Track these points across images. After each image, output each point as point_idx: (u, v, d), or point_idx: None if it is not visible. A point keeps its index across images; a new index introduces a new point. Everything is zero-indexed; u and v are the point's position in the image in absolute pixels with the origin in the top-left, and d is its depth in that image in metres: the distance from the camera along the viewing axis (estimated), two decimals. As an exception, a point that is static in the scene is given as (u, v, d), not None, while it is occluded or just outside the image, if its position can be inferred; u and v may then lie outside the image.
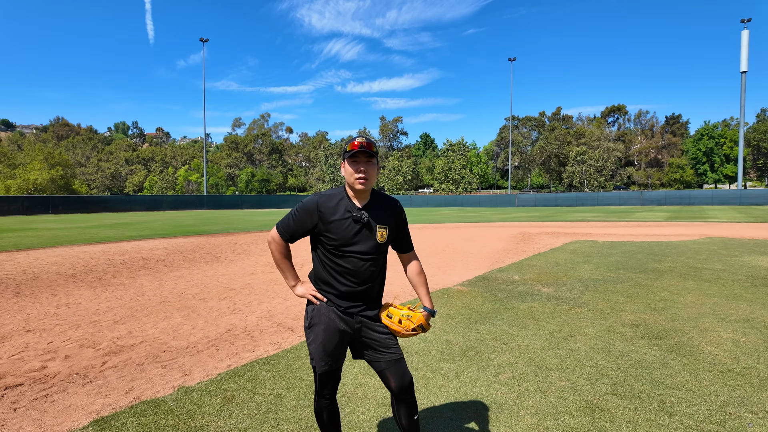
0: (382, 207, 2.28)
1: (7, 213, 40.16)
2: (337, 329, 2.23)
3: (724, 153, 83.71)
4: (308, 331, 2.28)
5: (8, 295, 6.99)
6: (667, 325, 5.02)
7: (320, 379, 2.29)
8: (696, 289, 6.85)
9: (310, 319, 2.28)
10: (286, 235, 2.26)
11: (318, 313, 2.25)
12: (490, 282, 7.59)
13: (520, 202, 57.52)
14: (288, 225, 2.25)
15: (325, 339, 2.23)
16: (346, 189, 2.26)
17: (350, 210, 2.19)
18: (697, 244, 12.46)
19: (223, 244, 14.14)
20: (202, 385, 3.55)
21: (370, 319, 2.29)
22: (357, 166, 2.15)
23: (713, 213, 31.16)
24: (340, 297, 2.24)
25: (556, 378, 3.63)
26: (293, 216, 2.23)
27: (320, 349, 2.23)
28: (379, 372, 2.29)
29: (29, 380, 3.73)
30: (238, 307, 6.18)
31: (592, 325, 5.04)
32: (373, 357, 2.29)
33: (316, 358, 2.25)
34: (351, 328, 2.26)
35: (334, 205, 2.19)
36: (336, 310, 2.24)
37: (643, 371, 3.74)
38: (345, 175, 2.20)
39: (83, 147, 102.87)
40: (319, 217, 2.18)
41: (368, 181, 2.16)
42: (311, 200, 2.21)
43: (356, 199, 2.22)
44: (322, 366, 2.24)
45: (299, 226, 2.23)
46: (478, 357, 4.11)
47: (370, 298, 2.30)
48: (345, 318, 2.24)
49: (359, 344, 2.31)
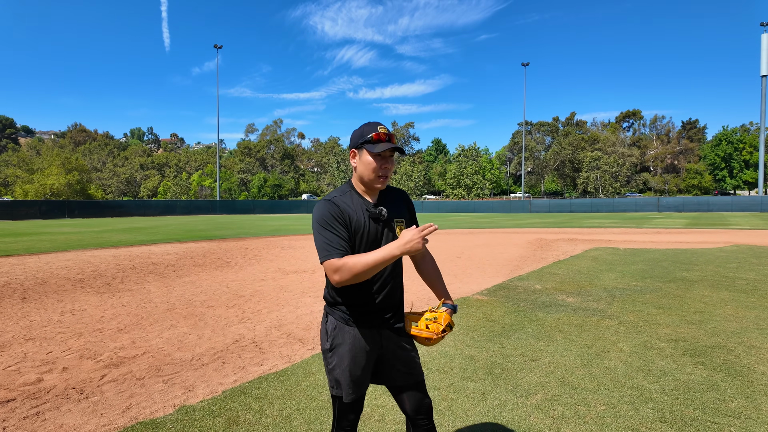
0: (393, 199, 2.00)
1: (24, 217, 40.65)
2: (365, 349, 1.90)
3: (743, 158, 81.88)
4: (329, 354, 1.92)
5: (14, 301, 6.81)
6: (708, 340, 4.61)
7: (343, 408, 1.94)
8: (733, 300, 6.40)
9: (332, 340, 1.91)
10: (341, 249, 1.77)
11: (341, 331, 1.91)
12: (510, 291, 7.22)
13: (533, 207, 56.73)
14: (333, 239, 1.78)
15: (351, 362, 1.89)
16: (353, 185, 1.94)
17: (367, 208, 1.88)
18: (724, 252, 11.92)
19: (234, 249, 13.94)
20: (205, 404, 3.26)
21: (396, 333, 1.98)
22: (382, 162, 1.84)
23: (734, 220, 30.26)
24: (363, 309, 1.91)
25: (594, 401, 3.27)
26: (328, 230, 1.79)
27: (347, 375, 1.89)
28: (396, 393, 2.00)
29: (22, 395, 3.48)
30: (246, 316, 5.91)
31: (626, 340, 4.65)
32: (392, 376, 1.98)
33: (343, 385, 1.89)
34: (378, 347, 1.94)
35: (351, 204, 1.87)
36: (361, 327, 1.91)
37: (692, 394, 3.36)
38: (360, 168, 1.87)
39: (99, 152, 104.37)
40: (347, 217, 1.83)
41: (388, 179, 1.89)
42: (327, 204, 1.83)
43: (367, 195, 1.92)
44: (350, 395, 1.89)
45: (342, 233, 1.81)
46: (505, 375, 3.76)
47: (394, 306, 1.98)
48: (371, 334, 1.92)
49: (382, 364, 1.98)
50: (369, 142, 1.83)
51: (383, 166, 1.84)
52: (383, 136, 1.83)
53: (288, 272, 9.49)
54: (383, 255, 1.72)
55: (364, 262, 1.71)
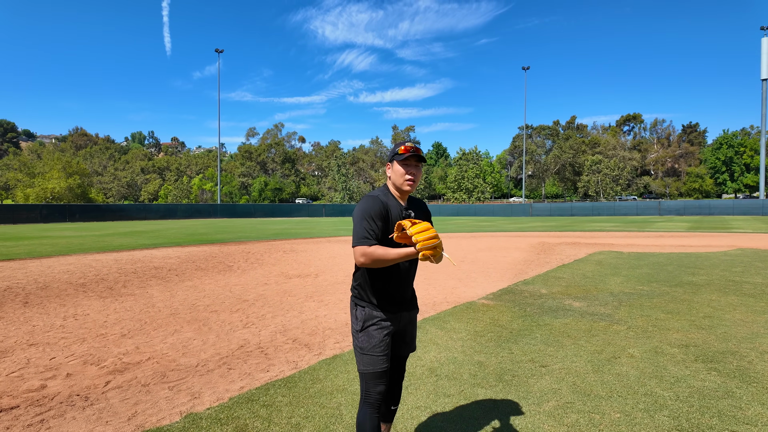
0: (417, 207, 2.41)
1: (26, 221, 40.63)
2: (389, 327, 2.29)
3: (744, 162, 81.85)
4: (360, 334, 2.27)
5: (16, 305, 6.76)
6: (720, 346, 4.55)
7: (372, 380, 2.23)
8: (741, 304, 6.35)
9: (362, 323, 2.27)
10: (371, 239, 2.13)
11: (369, 316, 2.27)
12: (516, 295, 7.16)
13: (534, 211, 56.65)
14: (369, 229, 2.14)
15: (380, 338, 2.25)
16: (390, 190, 2.31)
17: (400, 208, 2.27)
18: (729, 256, 11.85)
19: (236, 253, 13.89)
20: (212, 412, 3.21)
21: (408, 312, 2.41)
22: (408, 168, 2.24)
23: (737, 223, 30.19)
24: (389, 301, 2.29)
25: (608, 408, 3.21)
26: (368, 221, 2.14)
27: (381, 347, 2.23)
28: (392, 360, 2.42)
29: (26, 402, 3.43)
30: (251, 321, 5.85)
31: (636, 346, 4.59)
32: (399, 347, 2.41)
33: (376, 355, 2.22)
34: (397, 324, 2.34)
35: (390, 203, 2.24)
36: (385, 312, 2.28)
37: (707, 401, 3.30)
38: (393, 176, 2.28)
39: (100, 156, 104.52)
40: (387, 214, 2.19)
41: (415, 183, 2.25)
42: (374, 200, 2.19)
43: (400, 199, 2.31)
44: (380, 364, 2.22)
45: (378, 225, 2.16)
46: (516, 382, 3.70)
47: (409, 296, 2.40)
48: (393, 317, 2.31)
49: (395, 337, 2.38)
50: (397, 155, 2.24)
51: (409, 172, 2.24)
52: (409, 148, 2.24)
53: (291, 276, 9.44)
54: (402, 254, 2.07)
55: (386, 255, 2.08)
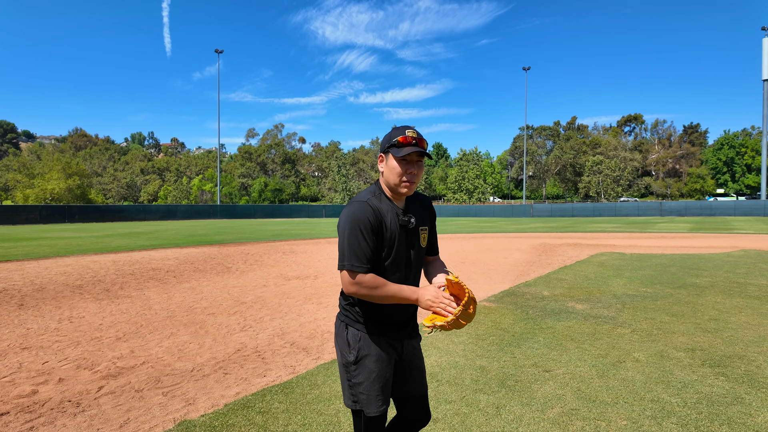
0: (418, 206, 1.94)
1: (25, 222, 40.55)
2: (389, 359, 1.85)
3: (745, 163, 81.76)
4: (354, 368, 1.82)
5: (11, 308, 6.67)
6: (727, 350, 4.46)
7: (370, 423, 1.82)
8: (747, 307, 6.25)
9: (357, 351, 1.81)
10: (366, 263, 1.70)
11: (365, 343, 1.82)
12: (518, 297, 7.07)
13: (535, 212, 56.56)
14: (362, 249, 1.69)
15: (379, 373, 1.81)
16: (383, 188, 1.85)
17: (397, 213, 1.82)
18: (732, 257, 11.76)
19: (234, 254, 13.80)
20: (207, 419, 3.12)
21: (413, 340, 1.97)
22: (407, 166, 1.76)
23: (738, 224, 30.08)
24: (387, 319, 1.85)
25: (614, 415, 3.12)
26: (361, 237, 1.69)
27: (376, 387, 1.79)
28: (403, 402, 1.98)
29: (16, 408, 3.34)
30: (248, 323, 5.76)
31: (641, 349, 4.50)
32: (408, 384, 1.95)
33: (371, 398, 1.79)
34: (399, 356, 1.91)
35: (384, 208, 1.79)
36: (385, 337, 1.85)
37: (716, 408, 3.21)
38: (386, 172, 1.79)
39: (100, 157, 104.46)
40: (382, 223, 1.75)
41: (415, 184, 1.80)
42: (365, 207, 1.73)
43: (396, 200, 1.85)
44: (379, 407, 1.80)
45: (373, 242, 1.72)
46: (519, 387, 3.61)
47: (412, 317, 1.95)
48: (394, 344, 1.88)
49: (399, 373, 1.94)
50: (395, 146, 1.75)
51: (408, 170, 1.76)
52: (410, 139, 1.74)
53: (290, 278, 9.35)
54: (402, 296, 1.71)
55: (384, 293, 1.70)
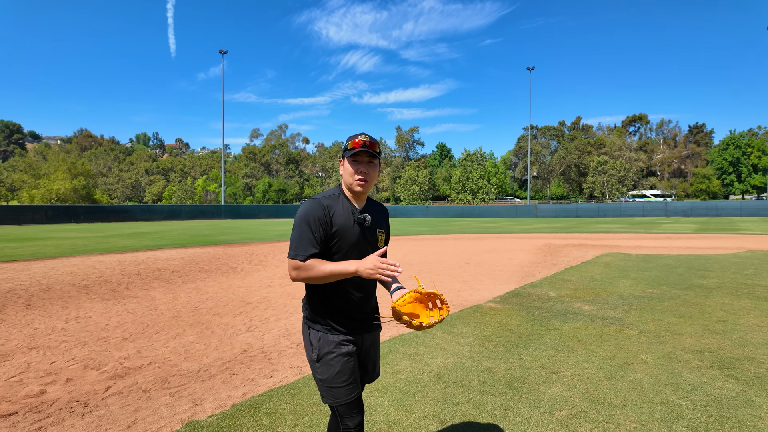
0: (377, 211, 2.16)
1: (31, 222, 40.80)
2: (350, 353, 1.99)
3: (751, 163, 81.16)
4: (318, 365, 1.98)
5: (18, 308, 6.71)
6: (736, 351, 4.42)
7: (343, 412, 1.97)
8: (755, 308, 6.20)
9: (318, 350, 1.98)
10: (310, 248, 1.88)
11: (325, 342, 1.98)
12: (524, 298, 7.04)
13: (539, 212, 56.37)
14: (306, 239, 1.88)
15: (343, 366, 1.96)
16: (343, 189, 2.06)
17: (352, 211, 2.00)
18: (739, 258, 11.68)
19: (239, 255, 13.83)
20: (214, 420, 3.12)
21: (371, 333, 2.12)
22: (358, 167, 1.98)
23: (745, 225, 29.88)
24: (346, 315, 2.00)
25: (623, 417, 3.10)
26: (306, 229, 1.89)
27: (340, 380, 1.95)
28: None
29: (24, 408, 3.35)
30: (254, 324, 5.77)
31: (649, 351, 4.47)
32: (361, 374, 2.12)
33: (338, 390, 1.94)
34: (360, 349, 2.07)
35: (337, 205, 1.98)
36: (342, 334, 1.99)
37: (726, 410, 3.18)
38: (344, 175, 2.03)
39: (105, 157, 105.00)
40: (330, 219, 1.92)
41: (368, 183, 1.99)
42: (315, 203, 1.93)
43: (354, 200, 2.04)
44: (349, 396, 1.96)
45: (318, 234, 1.90)
46: (526, 389, 3.59)
47: (372, 311, 2.11)
48: (355, 339, 2.03)
49: (359, 363, 2.10)
50: (347, 149, 1.96)
51: (359, 170, 1.96)
52: (360, 143, 1.93)
53: (295, 278, 9.35)
54: (340, 269, 1.84)
55: (321, 271, 1.84)
